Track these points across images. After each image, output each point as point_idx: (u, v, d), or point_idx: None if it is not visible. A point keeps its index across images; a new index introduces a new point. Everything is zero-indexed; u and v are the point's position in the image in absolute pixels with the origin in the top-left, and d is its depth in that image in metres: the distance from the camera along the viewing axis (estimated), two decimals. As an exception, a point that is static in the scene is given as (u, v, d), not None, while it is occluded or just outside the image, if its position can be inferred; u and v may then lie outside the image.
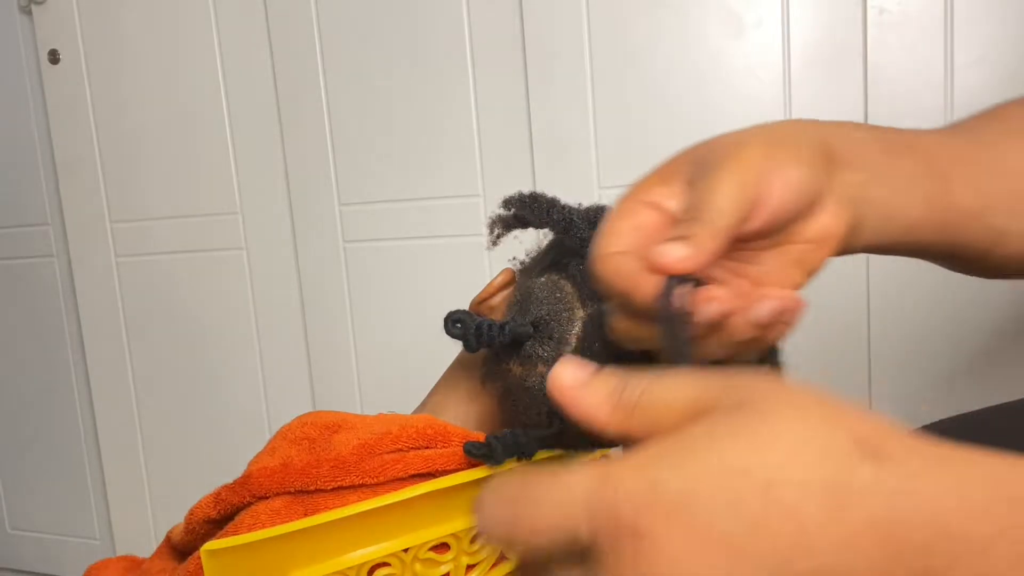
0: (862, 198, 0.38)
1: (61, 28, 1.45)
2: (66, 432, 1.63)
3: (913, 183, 0.40)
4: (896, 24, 1.03)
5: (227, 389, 1.47)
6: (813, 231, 0.37)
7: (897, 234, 0.41)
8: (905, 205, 0.40)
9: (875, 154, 0.40)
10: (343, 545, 0.49)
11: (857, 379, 1.11)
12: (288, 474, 0.52)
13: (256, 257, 1.41)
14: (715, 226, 0.34)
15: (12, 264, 1.61)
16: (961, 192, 0.41)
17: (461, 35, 1.22)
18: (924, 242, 0.42)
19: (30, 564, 1.71)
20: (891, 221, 0.40)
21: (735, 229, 0.34)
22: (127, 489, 1.57)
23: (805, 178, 0.36)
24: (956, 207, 0.41)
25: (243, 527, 0.50)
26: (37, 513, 1.69)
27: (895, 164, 0.40)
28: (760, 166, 0.35)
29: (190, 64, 1.39)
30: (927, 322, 1.08)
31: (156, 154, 1.44)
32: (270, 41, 1.33)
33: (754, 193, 0.35)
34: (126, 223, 1.48)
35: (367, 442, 0.54)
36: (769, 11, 1.08)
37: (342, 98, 1.30)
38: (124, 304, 1.51)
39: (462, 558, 0.53)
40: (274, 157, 1.36)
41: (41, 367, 1.63)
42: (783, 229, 0.37)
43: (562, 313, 0.46)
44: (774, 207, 0.35)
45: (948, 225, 0.41)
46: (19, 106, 1.53)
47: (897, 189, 0.40)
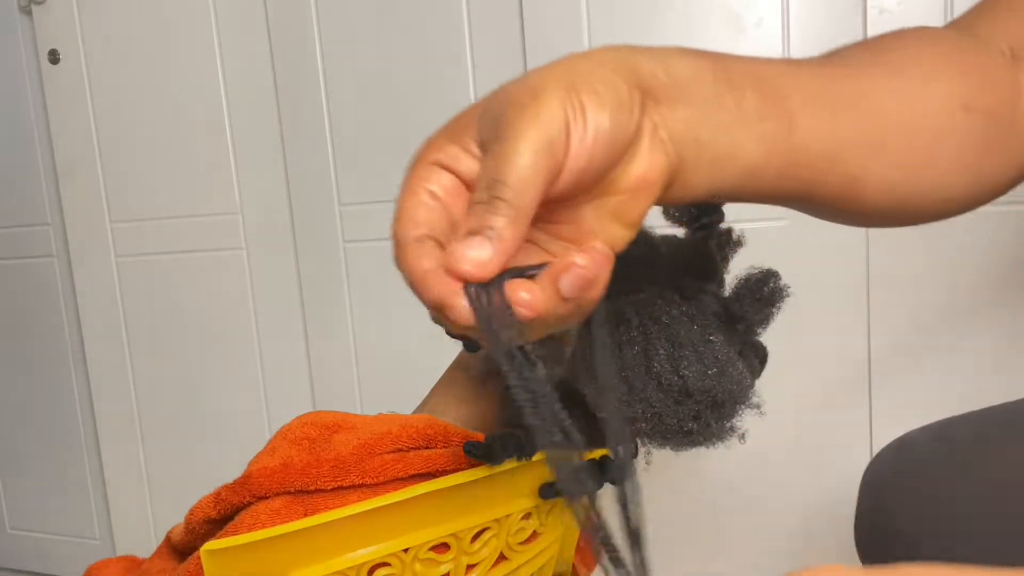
0: (686, 138, 0.34)
1: (61, 28, 1.45)
2: (66, 432, 1.63)
3: (750, 121, 0.35)
4: (896, 24, 1.03)
5: (227, 389, 1.46)
6: (628, 180, 0.33)
7: (734, 179, 0.36)
8: (739, 146, 0.35)
9: (705, 86, 0.35)
10: (343, 545, 0.49)
11: (857, 379, 1.11)
12: (288, 474, 0.52)
13: (256, 257, 1.41)
14: (516, 209, 0.30)
15: (12, 264, 1.61)
16: (809, 132, 0.37)
17: (461, 35, 1.22)
18: (767, 188, 0.38)
19: (30, 564, 1.71)
20: (724, 164, 0.35)
21: (539, 200, 0.30)
22: (127, 489, 1.57)
23: (614, 123, 0.31)
24: (803, 149, 0.37)
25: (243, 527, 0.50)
26: (37, 513, 1.69)
27: (729, 98, 0.35)
28: (559, 119, 0.30)
29: (190, 64, 1.39)
30: (927, 321, 1.08)
31: (156, 154, 1.43)
32: (270, 41, 1.33)
33: (557, 154, 0.30)
34: (126, 223, 1.48)
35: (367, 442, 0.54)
36: (769, 11, 1.08)
37: (342, 98, 1.30)
38: (124, 304, 1.50)
39: (462, 558, 0.53)
40: (274, 157, 1.36)
41: (41, 367, 1.63)
42: (592, 182, 0.33)
43: (562, 313, 0.46)
44: (581, 165, 0.31)
45: (793, 168, 0.37)
46: (19, 106, 1.53)
47: (729, 128, 0.35)
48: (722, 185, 0.36)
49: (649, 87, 0.33)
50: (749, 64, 0.37)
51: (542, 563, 0.59)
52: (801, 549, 1.17)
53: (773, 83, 0.37)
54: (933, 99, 0.40)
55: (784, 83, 0.37)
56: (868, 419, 1.12)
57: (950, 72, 0.41)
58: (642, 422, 0.52)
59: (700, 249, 0.57)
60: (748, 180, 0.36)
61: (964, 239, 1.04)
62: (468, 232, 0.30)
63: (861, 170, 0.39)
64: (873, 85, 0.39)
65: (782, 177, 0.37)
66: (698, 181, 0.35)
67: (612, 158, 0.32)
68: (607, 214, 0.34)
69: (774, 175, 0.37)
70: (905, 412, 1.09)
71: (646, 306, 0.52)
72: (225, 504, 0.54)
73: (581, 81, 0.31)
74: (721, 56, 0.37)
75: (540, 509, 0.57)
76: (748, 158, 0.36)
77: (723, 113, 0.35)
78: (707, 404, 0.51)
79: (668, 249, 0.57)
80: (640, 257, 0.55)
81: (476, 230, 0.30)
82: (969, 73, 0.41)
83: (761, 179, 0.37)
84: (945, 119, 0.40)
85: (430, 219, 0.32)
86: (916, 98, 0.40)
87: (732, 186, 0.36)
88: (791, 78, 0.38)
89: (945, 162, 0.40)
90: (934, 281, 1.07)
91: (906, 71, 0.41)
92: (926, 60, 0.41)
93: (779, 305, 0.56)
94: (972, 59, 0.42)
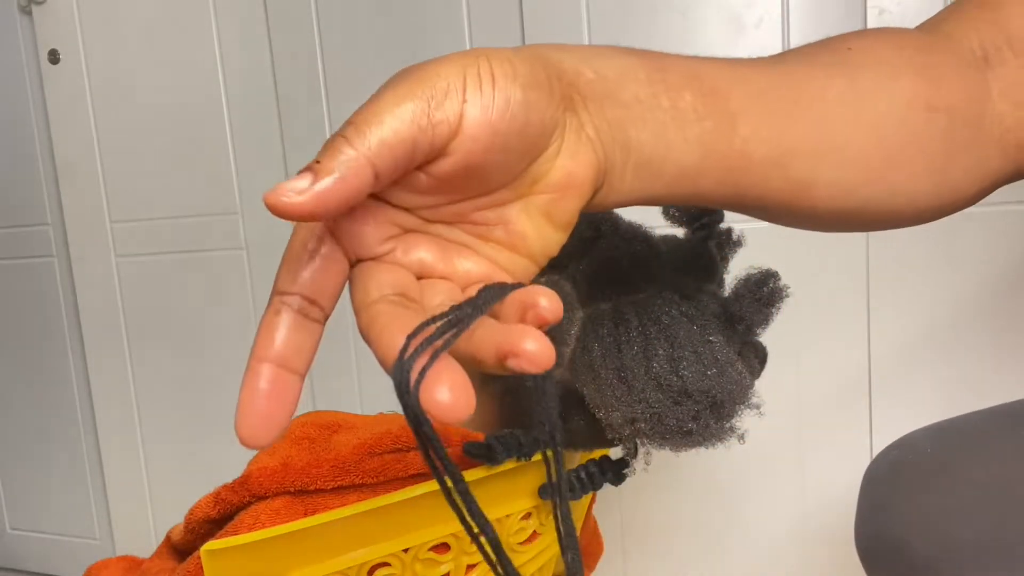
0: (615, 138, 0.32)
1: (61, 28, 1.45)
2: (66, 432, 1.63)
3: (687, 122, 0.33)
4: (896, 24, 1.03)
5: (227, 389, 1.46)
6: (555, 177, 0.31)
7: (668, 183, 0.34)
8: (673, 147, 0.33)
9: (637, 85, 0.33)
10: (343, 545, 0.49)
11: (857, 379, 1.11)
12: (288, 474, 0.52)
13: (256, 257, 1.41)
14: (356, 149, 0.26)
15: (12, 264, 1.61)
16: (752, 134, 0.35)
17: (461, 35, 1.22)
18: (707, 192, 0.36)
19: (30, 564, 1.71)
20: (657, 167, 0.34)
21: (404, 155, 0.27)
22: (127, 489, 1.57)
23: (527, 99, 0.29)
24: (744, 152, 0.35)
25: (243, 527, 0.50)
26: (37, 513, 1.69)
27: (665, 98, 0.33)
28: (451, 76, 0.28)
29: (190, 64, 1.39)
30: (927, 321, 1.08)
31: (156, 154, 1.44)
32: (270, 41, 1.33)
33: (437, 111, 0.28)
34: (126, 223, 1.48)
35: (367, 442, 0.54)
36: (769, 11, 1.08)
37: (342, 98, 1.30)
38: (124, 304, 1.50)
39: (462, 558, 0.53)
40: (274, 157, 1.36)
41: (41, 367, 1.63)
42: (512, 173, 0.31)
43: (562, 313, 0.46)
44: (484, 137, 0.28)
45: (735, 173, 0.35)
46: (19, 106, 1.53)
47: (663, 128, 0.33)
48: (656, 188, 0.34)
49: (572, 82, 0.31)
50: (688, 63, 0.35)
51: (542, 563, 0.59)
52: (801, 550, 1.17)
53: (713, 83, 0.35)
54: (893, 99, 0.38)
55: (726, 83, 0.35)
56: (868, 419, 1.12)
57: (912, 71, 0.39)
58: (642, 422, 0.52)
59: (700, 249, 0.57)
60: (684, 183, 0.35)
61: (964, 238, 1.04)
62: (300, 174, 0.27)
63: (812, 173, 0.37)
64: (828, 84, 0.38)
65: (722, 182, 0.35)
66: (630, 184, 0.34)
67: (526, 141, 0.30)
68: (536, 214, 0.32)
69: (713, 179, 0.35)
70: (905, 412, 1.09)
71: (645, 306, 0.53)
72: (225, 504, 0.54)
73: (494, 54, 0.29)
74: (658, 55, 0.35)
75: (540, 509, 0.57)
76: (683, 160, 0.34)
77: (657, 112, 0.33)
78: (706, 404, 0.51)
79: (668, 249, 0.57)
80: (640, 257, 0.55)
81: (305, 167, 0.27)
82: (932, 72, 0.39)
83: (699, 183, 0.35)
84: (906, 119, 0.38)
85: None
86: (874, 97, 0.38)
87: (667, 190, 0.35)
88: (735, 78, 0.36)
89: (907, 164, 0.39)
90: (934, 281, 1.07)
91: (864, 70, 0.39)
92: (886, 59, 0.39)
93: (779, 305, 0.56)
94: (937, 58, 0.40)
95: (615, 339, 0.52)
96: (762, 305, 0.55)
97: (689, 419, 0.52)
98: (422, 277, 0.32)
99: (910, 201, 0.40)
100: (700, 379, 0.51)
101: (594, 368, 0.52)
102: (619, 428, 0.52)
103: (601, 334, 0.52)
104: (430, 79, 0.28)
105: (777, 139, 0.36)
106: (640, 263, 0.55)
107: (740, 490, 1.19)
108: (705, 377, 0.51)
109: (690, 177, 0.35)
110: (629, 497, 1.23)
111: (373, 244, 0.31)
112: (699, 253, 0.57)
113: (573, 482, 0.57)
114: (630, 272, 0.54)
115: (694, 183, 0.35)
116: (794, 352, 1.11)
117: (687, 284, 0.55)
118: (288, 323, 0.29)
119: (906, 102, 0.38)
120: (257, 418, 0.27)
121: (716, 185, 0.35)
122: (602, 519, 1.04)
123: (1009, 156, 0.41)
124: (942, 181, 0.40)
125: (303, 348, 0.29)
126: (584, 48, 0.33)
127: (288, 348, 0.28)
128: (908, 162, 0.39)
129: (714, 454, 0.55)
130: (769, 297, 0.55)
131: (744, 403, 0.54)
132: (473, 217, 0.32)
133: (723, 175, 0.35)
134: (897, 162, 0.38)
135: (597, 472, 0.58)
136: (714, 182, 0.35)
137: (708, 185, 0.35)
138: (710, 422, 0.52)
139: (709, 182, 0.35)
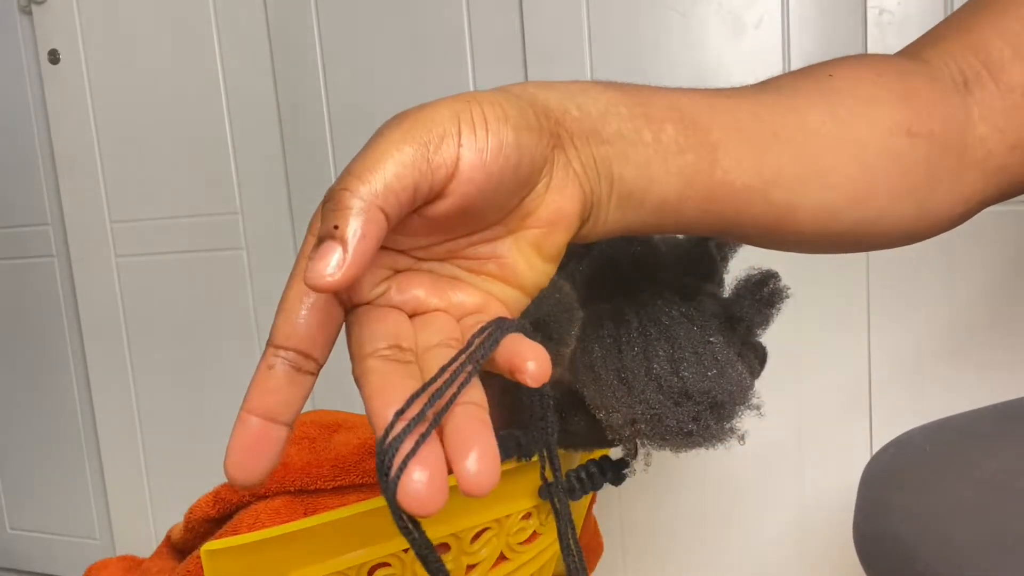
0: (600, 173, 0.33)
1: (61, 28, 1.45)
2: (66, 432, 1.63)
3: (669, 155, 0.35)
4: (896, 24, 1.03)
5: (227, 389, 1.47)
6: (545, 213, 0.32)
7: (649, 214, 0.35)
8: (655, 181, 0.34)
9: (619, 120, 0.34)
10: (343, 545, 0.49)
11: (857, 380, 1.11)
12: (288, 473, 0.52)
13: (256, 257, 1.41)
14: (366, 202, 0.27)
15: (12, 264, 1.61)
16: (732, 166, 0.36)
17: (461, 35, 1.22)
18: (688, 221, 0.37)
19: (30, 564, 1.71)
20: (639, 199, 0.35)
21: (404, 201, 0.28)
22: (127, 489, 1.57)
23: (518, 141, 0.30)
24: (725, 183, 0.36)
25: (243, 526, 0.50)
26: (37, 513, 1.69)
27: (648, 132, 0.34)
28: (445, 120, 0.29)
29: (190, 64, 1.39)
30: (928, 321, 1.08)
31: (156, 154, 1.44)
32: (270, 41, 1.33)
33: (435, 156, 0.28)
34: (126, 223, 1.48)
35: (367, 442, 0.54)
36: (769, 11, 1.08)
37: (342, 98, 1.30)
38: (124, 304, 1.50)
39: (462, 558, 0.53)
40: (274, 157, 1.36)
41: (41, 367, 1.63)
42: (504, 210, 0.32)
43: (562, 314, 0.46)
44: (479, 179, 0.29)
45: (716, 202, 0.36)
46: (19, 106, 1.53)
47: (646, 162, 0.34)
48: (639, 218, 0.36)
49: (559, 120, 0.32)
50: (670, 96, 0.36)
51: (542, 563, 0.59)
52: (801, 549, 1.17)
53: (694, 116, 0.36)
54: (874, 125, 0.39)
55: (706, 115, 0.36)
56: (868, 420, 1.12)
57: (891, 97, 0.40)
58: (642, 423, 0.52)
59: (700, 249, 0.57)
60: (667, 213, 0.36)
61: (965, 238, 1.05)
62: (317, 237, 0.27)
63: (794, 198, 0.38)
64: (808, 112, 0.38)
65: (704, 211, 0.36)
66: (614, 216, 0.35)
67: (518, 180, 0.31)
68: (527, 248, 0.33)
69: (695, 208, 0.36)
70: (905, 413, 1.09)
71: (645, 307, 0.53)
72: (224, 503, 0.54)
73: (485, 98, 0.30)
74: (638, 89, 0.36)
75: (540, 509, 0.57)
76: (665, 191, 0.35)
77: (639, 147, 0.34)
78: (706, 405, 0.51)
79: (668, 249, 0.57)
80: (640, 258, 0.55)
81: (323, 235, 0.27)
82: (912, 99, 0.40)
83: (681, 212, 0.36)
84: (887, 145, 0.39)
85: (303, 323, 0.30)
86: (855, 124, 0.39)
87: (651, 219, 0.36)
88: (716, 109, 0.37)
89: (890, 189, 0.39)
90: (935, 280, 1.07)
91: (844, 96, 0.39)
92: (866, 86, 0.40)
93: (779, 306, 0.56)
94: (917, 84, 0.41)
95: (615, 340, 0.52)
96: (762, 306, 0.55)
97: (689, 420, 0.52)
98: (416, 314, 0.32)
99: (895, 224, 0.41)
100: (700, 380, 0.51)
101: (594, 369, 0.52)
102: (619, 429, 0.52)
103: (601, 335, 0.52)
104: (425, 124, 0.28)
105: (757, 168, 0.37)
106: (640, 263, 0.55)
107: (740, 490, 1.19)
108: (705, 378, 0.51)
109: (672, 206, 0.36)
110: (629, 497, 1.23)
111: (367, 289, 0.32)
112: (699, 253, 0.57)
113: (573, 482, 0.57)
114: (630, 272, 0.55)
115: (676, 212, 0.36)
116: (794, 352, 1.11)
117: (687, 284, 0.55)
118: (280, 378, 0.31)
119: (887, 129, 0.39)
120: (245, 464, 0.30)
121: (699, 214, 0.37)
122: (602, 519, 1.04)
123: (990, 179, 0.42)
124: (925, 204, 0.41)
125: (292, 401, 0.31)
126: (568, 85, 0.35)
127: (278, 402, 0.30)
128: (891, 187, 0.39)
129: (714, 455, 0.55)
130: (769, 298, 0.56)
131: (744, 404, 0.54)
132: (465, 253, 0.33)
133: (705, 204, 0.36)
134: (880, 187, 0.39)
135: (597, 472, 0.58)
136: (696, 211, 0.36)
137: (690, 214, 0.36)
138: (710, 423, 0.52)
139: (691, 211, 0.36)
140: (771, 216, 0.38)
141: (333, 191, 0.27)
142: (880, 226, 0.40)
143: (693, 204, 0.36)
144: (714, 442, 0.54)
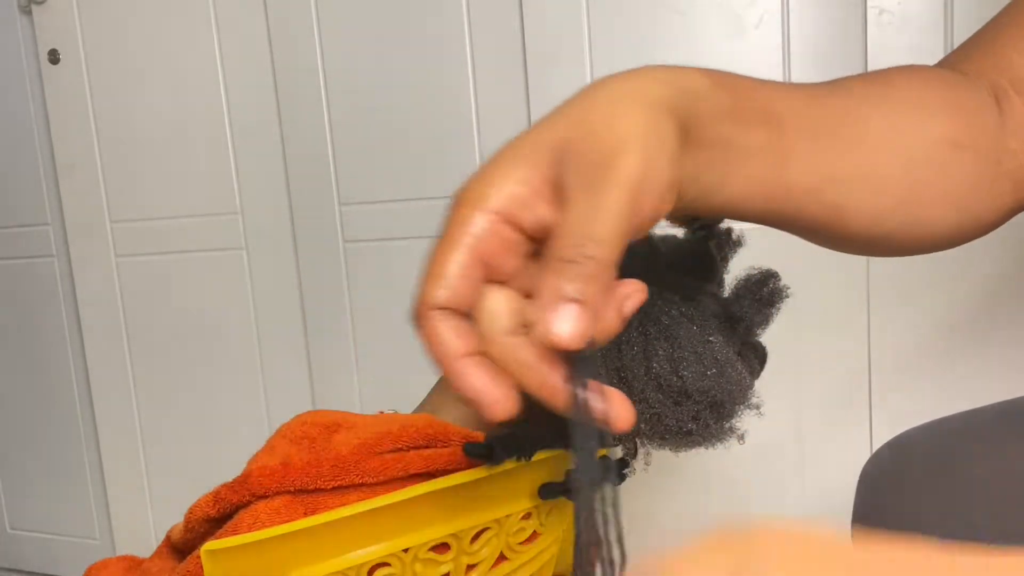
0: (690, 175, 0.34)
1: (61, 28, 1.45)
2: (66, 432, 1.63)
3: (750, 158, 0.36)
4: (896, 24, 1.03)
5: (227, 389, 1.47)
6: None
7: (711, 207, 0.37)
8: (728, 181, 0.36)
9: (724, 127, 0.35)
10: (343, 545, 0.49)
11: (857, 379, 1.11)
12: (288, 473, 0.52)
13: (256, 257, 1.41)
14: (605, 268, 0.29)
15: (12, 264, 1.61)
16: (798, 169, 0.37)
17: (461, 35, 1.22)
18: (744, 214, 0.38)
19: (30, 564, 1.71)
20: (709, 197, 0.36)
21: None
22: (127, 489, 1.57)
23: (671, 177, 0.31)
24: (790, 185, 0.37)
25: (243, 526, 0.50)
26: (37, 513, 1.69)
27: (740, 139, 0.35)
28: (642, 182, 0.30)
29: (190, 64, 1.39)
30: (928, 321, 1.08)
31: (156, 154, 1.44)
32: (270, 41, 1.33)
33: (640, 209, 0.30)
34: (126, 223, 1.48)
35: (367, 441, 0.54)
36: (769, 11, 1.08)
37: (342, 98, 1.30)
38: (124, 304, 1.50)
39: (462, 558, 0.53)
40: (274, 157, 1.36)
41: (41, 367, 1.63)
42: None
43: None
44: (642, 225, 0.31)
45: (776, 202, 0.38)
46: (19, 106, 1.53)
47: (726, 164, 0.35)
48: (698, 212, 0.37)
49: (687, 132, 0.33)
50: (761, 92, 0.37)
51: (542, 563, 0.59)
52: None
53: (779, 117, 0.37)
54: (926, 135, 0.41)
55: (785, 117, 0.37)
56: (868, 420, 1.12)
57: (942, 109, 0.42)
58: (642, 422, 0.52)
59: (700, 249, 0.57)
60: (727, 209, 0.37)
61: (964, 239, 1.04)
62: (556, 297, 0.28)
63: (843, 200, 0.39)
64: (869, 117, 0.40)
65: (763, 211, 0.38)
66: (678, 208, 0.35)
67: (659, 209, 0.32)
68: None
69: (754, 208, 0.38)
70: (905, 413, 1.09)
71: (645, 307, 0.53)
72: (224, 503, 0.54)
73: (655, 142, 0.31)
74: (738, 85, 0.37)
75: (540, 509, 0.57)
76: (731, 193, 0.36)
77: (728, 153, 0.35)
78: (706, 405, 0.52)
79: (668, 249, 0.57)
80: (640, 257, 0.55)
81: (566, 296, 0.28)
82: (959, 111, 0.42)
83: (738, 211, 0.38)
84: (936, 155, 0.41)
85: (461, 285, 0.31)
86: (909, 132, 0.40)
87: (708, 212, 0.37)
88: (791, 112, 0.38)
89: (935, 197, 0.41)
90: (935, 280, 1.07)
91: (901, 105, 0.41)
92: (919, 96, 0.42)
93: (779, 306, 0.56)
94: (963, 97, 0.43)
95: (615, 339, 0.52)
96: (762, 305, 0.55)
97: (689, 419, 0.52)
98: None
99: (935, 231, 0.43)
100: (700, 379, 0.51)
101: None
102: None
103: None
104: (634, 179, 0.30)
105: (817, 170, 0.38)
106: (640, 263, 0.55)
107: (740, 490, 1.19)
108: (705, 377, 0.51)
109: (734, 205, 0.37)
110: (629, 497, 1.23)
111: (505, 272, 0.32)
112: (699, 253, 0.57)
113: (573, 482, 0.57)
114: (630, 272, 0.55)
115: (735, 210, 0.38)
116: (794, 352, 1.11)
117: (687, 284, 0.55)
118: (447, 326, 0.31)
119: (935, 139, 0.41)
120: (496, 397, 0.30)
121: (757, 213, 0.38)
122: (602, 519, 1.04)
123: (1020, 190, 0.44)
124: (965, 213, 0.43)
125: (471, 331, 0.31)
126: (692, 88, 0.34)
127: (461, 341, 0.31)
128: (934, 195, 0.41)
129: (714, 454, 0.55)
130: (769, 297, 0.56)
131: (744, 403, 0.54)
132: None
133: (765, 204, 0.38)
134: (924, 194, 0.41)
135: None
136: (756, 209, 0.38)
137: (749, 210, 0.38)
138: (710, 422, 0.52)
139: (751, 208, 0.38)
140: (822, 217, 0.39)
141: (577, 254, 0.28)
142: (923, 231, 0.42)
143: (754, 204, 0.37)
144: (714, 441, 0.54)
